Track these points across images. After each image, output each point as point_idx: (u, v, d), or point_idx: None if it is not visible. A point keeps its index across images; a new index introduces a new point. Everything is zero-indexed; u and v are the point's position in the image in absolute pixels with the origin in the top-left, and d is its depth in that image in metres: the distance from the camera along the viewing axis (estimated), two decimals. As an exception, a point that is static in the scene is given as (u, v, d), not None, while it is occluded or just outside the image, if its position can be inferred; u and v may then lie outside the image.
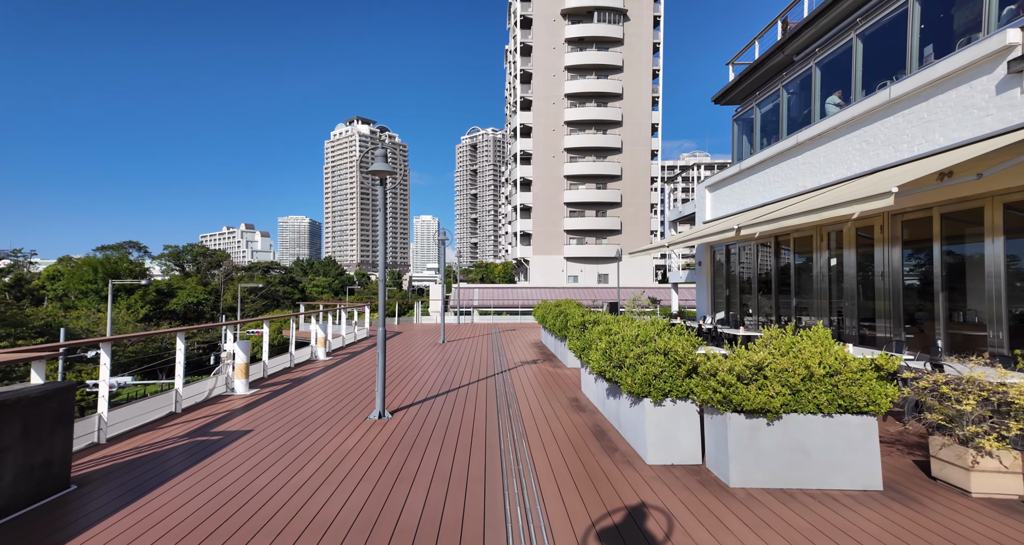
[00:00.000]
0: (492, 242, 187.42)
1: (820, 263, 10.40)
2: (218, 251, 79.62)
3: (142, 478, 4.53)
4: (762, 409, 4.18)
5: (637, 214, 56.43)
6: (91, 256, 49.94)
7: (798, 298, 11.19)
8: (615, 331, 5.94)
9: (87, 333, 36.28)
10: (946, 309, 7.51)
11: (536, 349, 14.16)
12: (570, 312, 10.54)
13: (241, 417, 6.76)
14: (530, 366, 10.99)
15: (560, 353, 11.77)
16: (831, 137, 9.89)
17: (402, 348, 14.52)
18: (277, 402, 7.60)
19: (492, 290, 48.84)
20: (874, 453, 4.14)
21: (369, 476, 4.55)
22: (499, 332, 20.07)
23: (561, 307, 11.83)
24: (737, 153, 15.35)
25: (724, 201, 14.56)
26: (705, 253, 15.53)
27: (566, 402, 7.47)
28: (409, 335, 18.79)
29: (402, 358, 12.40)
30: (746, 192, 13.25)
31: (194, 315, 58.21)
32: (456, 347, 14.75)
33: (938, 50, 8.42)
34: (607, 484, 4.37)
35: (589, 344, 6.51)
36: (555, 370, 10.45)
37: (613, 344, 5.48)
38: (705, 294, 15.45)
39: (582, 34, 55.32)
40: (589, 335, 6.54)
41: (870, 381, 4.13)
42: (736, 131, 15.42)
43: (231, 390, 8.16)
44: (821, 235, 10.38)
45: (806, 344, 4.43)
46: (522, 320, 26.87)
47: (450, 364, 11.37)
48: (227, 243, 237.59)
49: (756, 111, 14.00)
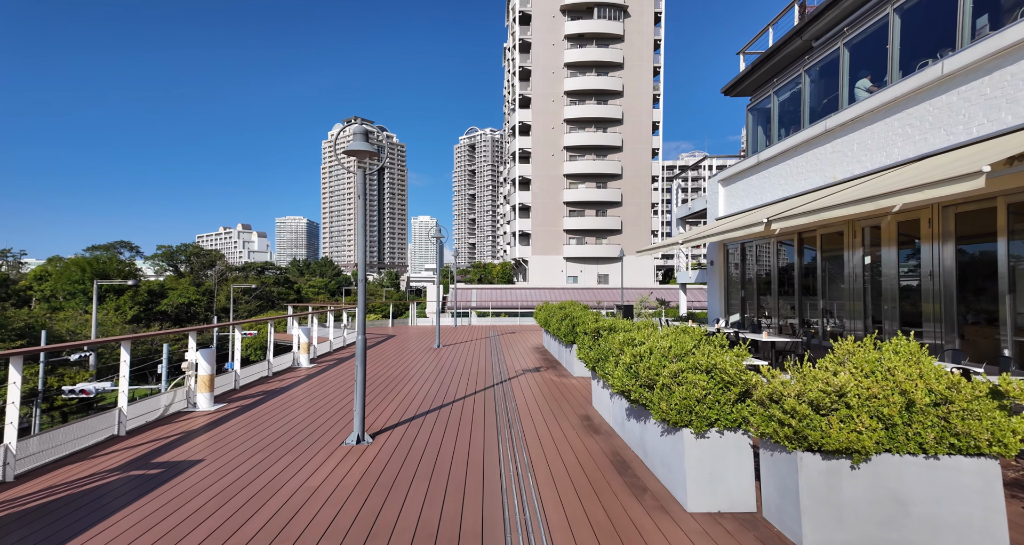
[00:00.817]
0: (490, 243, 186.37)
1: (852, 262, 9.42)
2: (212, 251, 78.46)
3: (35, 539, 3.50)
4: (846, 449, 3.18)
5: (638, 213, 55.50)
6: (79, 256, 48.77)
7: (826, 300, 10.21)
8: (639, 341, 4.94)
9: (71, 335, 35.13)
10: (1012, 312, 6.53)
11: (538, 355, 13.15)
12: (577, 316, 9.56)
13: (196, 441, 5.74)
14: (533, 375, 9.98)
15: (565, 360, 10.77)
16: (866, 122, 8.91)
17: (394, 353, 13.50)
18: (243, 421, 6.57)
19: (490, 291, 47.85)
20: (997, 507, 3.15)
21: (331, 535, 3.54)
22: (498, 335, 19.07)
23: (566, 310, 10.83)
24: (752, 145, 14.38)
25: (739, 196, 13.58)
26: (718, 252, 14.55)
27: (577, 421, 6.47)
28: (403, 339, 17.76)
29: (392, 365, 11.38)
30: (765, 185, 12.28)
31: (186, 316, 57.06)
32: (452, 352, 13.73)
33: (994, 21, 7.46)
34: (640, 543, 3.37)
35: (606, 355, 5.51)
36: (560, 380, 9.45)
37: (640, 358, 4.48)
38: (718, 295, 14.47)
39: (582, 30, 54.38)
40: (606, 345, 5.54)
41: (991, 413, 3.14)
42: (751, 122, 14.45)
43: (192, 405, 7.14)
44: (854, 231, 9.39)
45: (895, 362, 3.43)
46: (522, 322, 25.87)
47: (444, 372, 10.36)
48: (224, 243, 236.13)
49: (773, 99, 13.03)
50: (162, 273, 76.20)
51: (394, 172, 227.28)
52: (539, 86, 55.39)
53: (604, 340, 5.80)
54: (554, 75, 55.29)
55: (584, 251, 55.12)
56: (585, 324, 7.25)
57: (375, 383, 9.22)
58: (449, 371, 10.52)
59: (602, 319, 7.41)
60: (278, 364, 10.64)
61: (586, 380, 9.37)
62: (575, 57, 54.54)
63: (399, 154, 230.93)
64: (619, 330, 5.89)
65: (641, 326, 5.73)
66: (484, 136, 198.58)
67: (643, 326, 5.75)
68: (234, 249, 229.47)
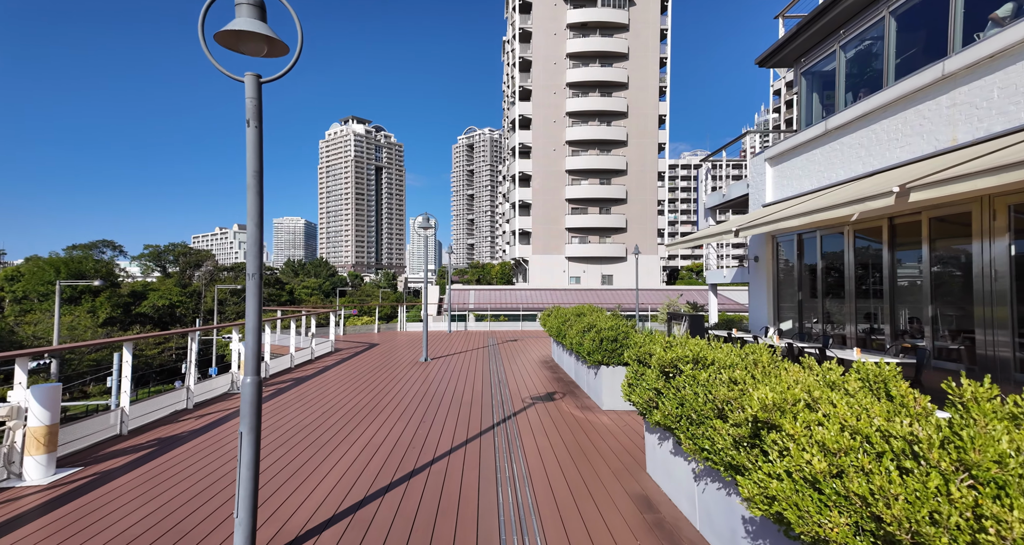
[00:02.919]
0: (489, 243, 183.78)
1: (988, 255, 6.85)
2: (201, 251, 75.75)
3: None
4: None
5: (644, 211, 52.97)
6: (53, 256, 46.06)
7: (935, 304, 7.64)
8: (777, 403, 2.38)
9: (34, 341, 32.47)
10: None
11: (547, 372, 10.59)
12: (609, 327, 7.03)
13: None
14: (545, 407, 7.41)
15: (588, 384, 8.21)
16: (1018, 56, 6.36)
17: (368, 371, 10.92)
18: (69, 516, 3.99)
19: (489, 292, 45.29)
20: None
21: None
22: (497, 343, 16.49)
23: (589, 319, 8.29)
24: (805, 115, 11.86)
25: (795, 176, 11.04)
26: (765, 245, 11.99)
27: (628, 505, 3.91)
28: (387, 348, 15.18)
29: (360, 390, 8.80)
30: (835, 160, 9.73)
31: (170, 319, 54.38)
32: (441, 369, 11.16)
33: None
34: None
35: (703, 416, 2.96)
36: (585, 415, 6.88)
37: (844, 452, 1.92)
38: (765, 298, 11.91)
39: (585, 19, 51.87)
40: (703, 397, 2.98)
41: None
42: (804, 88, 11.92)
43: (15, 476, 4.55)
44: (992, 211, 6.81)
45: None
46: (523, 327, 23.30)
47: (426, 402, 7.78)
48: (220, 244, 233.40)
49: (839, 56, 10.50)
50: (149, 273, 73.50)
51: (392, 172, 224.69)
52: (540, 78, 52.85)
53: (691, 382, 3.24)
54: (556, 66, 52.77)
55: (587, 250, 52.55)
56: (635, 343, 4.68)
57: (325, 421, 6.65)
58: (433, 400, 7.94)
59: (656, 336, 4.83)
60: (213, 389, 8.04)
61: (622, 416, 6.79)
62: (578, 47, 52.03)
63: (397, 154, 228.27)
64: (714, 365, 3.33)
65: (757, 360, 3.17)
66: (483, 136, 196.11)
67: (755, 359, 3.19)
68: (230, 249, 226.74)
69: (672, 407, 3.37)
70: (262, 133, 3.14)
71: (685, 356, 3.48)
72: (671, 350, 3.58)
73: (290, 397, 8.14)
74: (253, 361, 3.15)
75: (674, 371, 3.52)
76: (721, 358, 3.33)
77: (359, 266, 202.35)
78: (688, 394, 3.20)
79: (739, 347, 3.53)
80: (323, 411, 7.21)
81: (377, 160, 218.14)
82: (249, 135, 3.10)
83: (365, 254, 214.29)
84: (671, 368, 3.52)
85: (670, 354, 3.52)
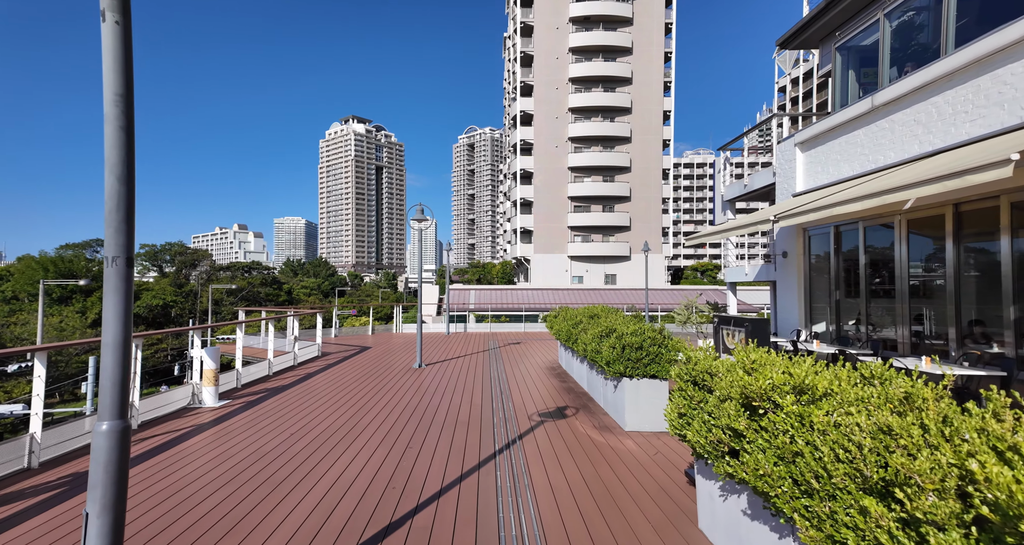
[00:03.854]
0: (490, 243, 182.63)
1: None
2: (198, 250, 74.67)
3: None
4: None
5: (648, 209, 51.77)
6: (43, 254, 44.95)
7: (1021, 306, 6.46)
8: None
9: (19, 341, 31.35)
10: None
11: (555, 381, 9.42)
12: (620, 328, 5.88)
13: None
14: (556, 426, 6.24)
15: (605, 398, 7.04)
16: None
17: (354, 380, 9.76)
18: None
19: (490, 292, 44.11)
20: None
21: None
22: (499, 347, 15.33)
23: (603, 321, 7.15)
24: (840, 95, 10.69)
25: (832, 161, 9.87)
26: (795, 239, 10.82)
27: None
28: (380, 352, 14.02)
29: (341, 403, 7.64)
30: (882, 141, 8.56)
31: (164, 319, 53.29)
32: (436, 378, 10.00)
33: None
34: None
35: (839, 487, 1.79)
36: (605, 439, 5.71)
37: None
38: (796, 298, 10.74)
39: (588, 13, 50.70)
40: (828, 458, 1.80)
41: None
42: (839, 65, 10.76)
43: None
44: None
45: None
46: (526, 328, 22.13)
47: (414, 422, 6.62)
48: (219, 244, 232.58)
49: (883, 25, 9.32)
50: (145, 273, 72.45)
51: (392, 172, 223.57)
52: (542, 73, 51.67)
53: (798, 426, 2.08)
54: (558, 61, 51.59)
55: (590, 249, 51.35)
56: (684, 356, 3.51)
57: (290, 448, 5.48)
58: (424, 417, 6.78)
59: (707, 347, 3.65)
60: (157, 406, 6.86)
61: (650, 440, 5.62)
62: (580, 41, 50.84)
63: (398, 153, 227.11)
64: (829, 398, 2.16)
65: (910, 394, 2.00)
66: (483, 135, 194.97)
67: (906, 393, 2.02)
68: (230, 249, 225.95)
69: (767, 462, 2.20)
70: (129, 30, 1.97)
71: (781, 384, 2.31)
72: (759, 374, 2.40)
73: (256, 413, 6.98)
74: (113, 397, 1.99)
75: (767, 406, 2.35)
76: (844, 389, 2.16)
77: (359, 266, 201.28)
78: (801, 447, 2.03)
79: (777, 355, 2.37)
80: (291, 433, 6.05)
81: (377, 160, 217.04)
82: (105, 35, 1.94)
83: (366, 254, 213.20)
84: (764, 401, 2.35)
85: (760, 380, 2.35)
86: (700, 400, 3.05)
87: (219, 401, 7.45)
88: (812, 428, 2.07)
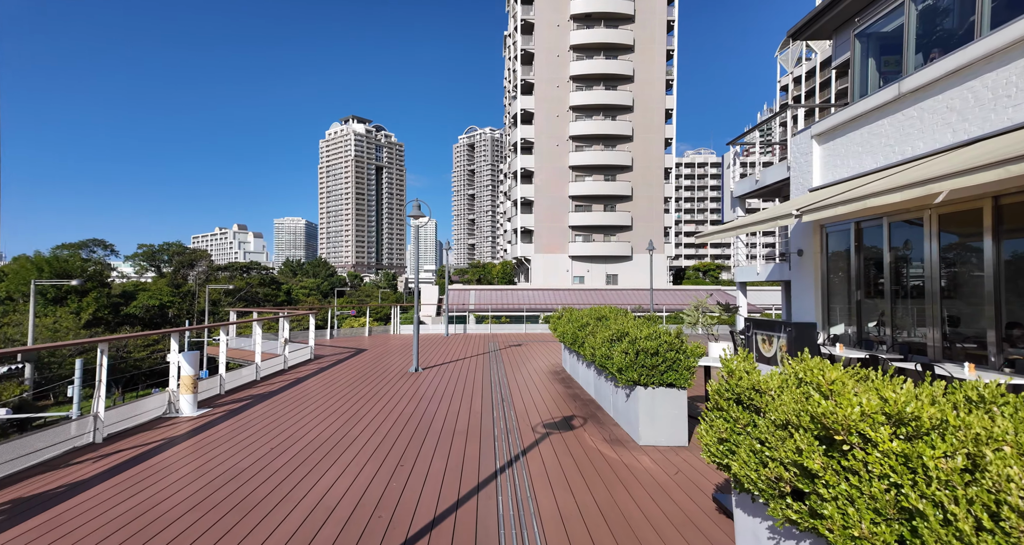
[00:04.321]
0: (490, 243, 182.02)
1: None
2: (196, 250, 74.11)
3: None
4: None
5: (650, 208, 51.22)
6: (38, 255, 44.40)
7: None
8: None
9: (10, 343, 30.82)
10: None
11: (560, 386, 8.87)
12: (633, 332, 5.36)
13: None
14: (563, 439, 5.70)
15: (613, 405, 6.50)
16: None
17: (347, 384, 9.22)
18: None
19: (490, 292, 43.57)
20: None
21: None
22: (499, 349, 14.80)
23: (613, 324, 6.61)
24: (860, 84, 10.15)
25: (853, 153, 9.33)
26: (812, 237, 10.27)
27: None
28: (376, 355, 13.48)
29: (332, 410, 7.10)
30: (910, 131, 8.02)
31: (161, 320, 52.78)
32: (433, 383, 9.46)
33: None
34: None
35: None
36: (617, 454, 5.16)
37: None
38: (814, 299, 10.19)
39: (589, 9, 50.15)
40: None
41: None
42: (858, 53, 10.22)
43: None
44: None
45: None
46: (527, 329, 21.60)
47: (408, 434, 6.08)
48: (219, 244, 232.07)
49: (909, 9, 8.78)
50: (143, 273, 71.88)
51: (392, 172, 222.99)
52: (543, 70, 51.13)
53: (904, 469, 1.54)
54: (559, 58, 51.05)
55: (591, 249, 50.79)
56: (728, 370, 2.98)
57: (270, 464, 4.94)
58: (419, 428, 6.24)
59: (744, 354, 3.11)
60: (127, 417, 6.31)
61: (667, 457, 5.07)
62: (582, 38, 50.30)
63: (398, 154, 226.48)
64: (936, 430, 1.62)
65: None
66: (483, 135, 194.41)
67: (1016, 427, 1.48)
68: (229, 250, 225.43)
69: (863, 518, 1.66)
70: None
71: (874, 412, 1.77)
72: (843, 399, 1.85)
73: (237, 424, 6.44)
74: None
75: (854, 441, 1.80)
76: (964, 420, 1.61)
77: (359, 266, 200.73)
78: (915, 502, 1.49)
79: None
80: (272, 446, 5.51)
81: (378, 160, 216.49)
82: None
83: (365, 254, 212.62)
84: (851, 435, 1.81)
85: (845, 407, 1.80)
86: (747, 423, 2.50)
87: (198, 410, 6.90)
88: (927, 475, 1.53)
